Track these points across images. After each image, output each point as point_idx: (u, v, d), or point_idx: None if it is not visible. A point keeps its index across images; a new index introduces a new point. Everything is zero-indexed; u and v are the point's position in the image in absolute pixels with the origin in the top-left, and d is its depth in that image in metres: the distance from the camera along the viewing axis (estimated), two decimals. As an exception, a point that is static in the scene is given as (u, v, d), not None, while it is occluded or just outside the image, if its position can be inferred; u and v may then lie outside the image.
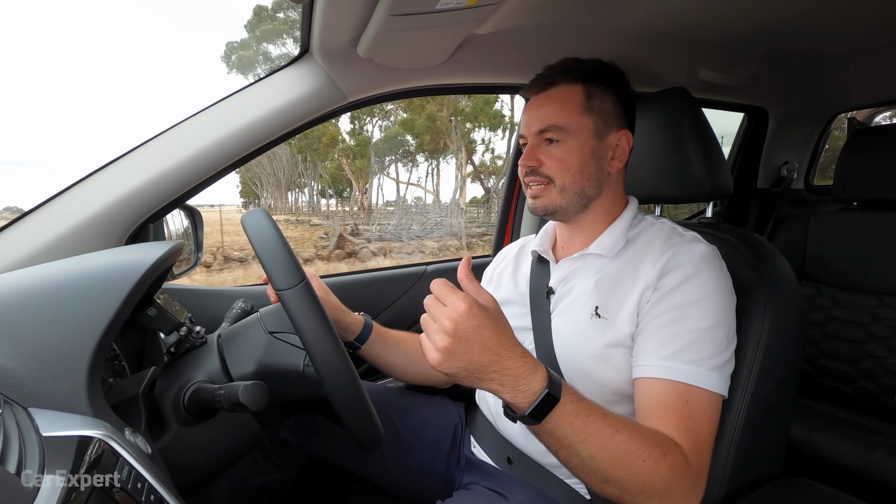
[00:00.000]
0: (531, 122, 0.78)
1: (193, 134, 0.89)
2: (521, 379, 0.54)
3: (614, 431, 0.57)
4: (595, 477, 0.57)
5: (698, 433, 0.62)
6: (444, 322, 0.53)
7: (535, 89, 0.79)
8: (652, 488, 0.57)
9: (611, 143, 0.77)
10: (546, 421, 0.55)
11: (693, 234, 0.75)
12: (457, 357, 0.53)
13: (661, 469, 0.57)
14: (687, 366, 0.63)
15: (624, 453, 0.56)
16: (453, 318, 0.52)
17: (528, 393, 0.54)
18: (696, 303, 0.66)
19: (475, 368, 0.53)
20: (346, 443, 0.90)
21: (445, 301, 0.54)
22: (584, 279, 0.76)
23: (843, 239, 1.41)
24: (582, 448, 0.56)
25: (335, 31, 0.86)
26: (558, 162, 0.75)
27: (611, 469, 0.56)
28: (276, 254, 0.56)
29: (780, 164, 1.89)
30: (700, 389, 0.63)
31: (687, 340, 0.64)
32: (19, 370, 0.44)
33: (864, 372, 1.34)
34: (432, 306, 0.54)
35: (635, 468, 0.56)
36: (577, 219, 0.80)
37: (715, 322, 0.65)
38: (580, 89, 0.76)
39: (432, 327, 0.54)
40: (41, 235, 0.78)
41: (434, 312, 0.54)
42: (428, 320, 0.55)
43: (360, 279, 1.31)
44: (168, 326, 0.66)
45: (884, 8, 1.00)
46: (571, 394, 0.57)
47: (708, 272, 0.68)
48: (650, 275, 0.69)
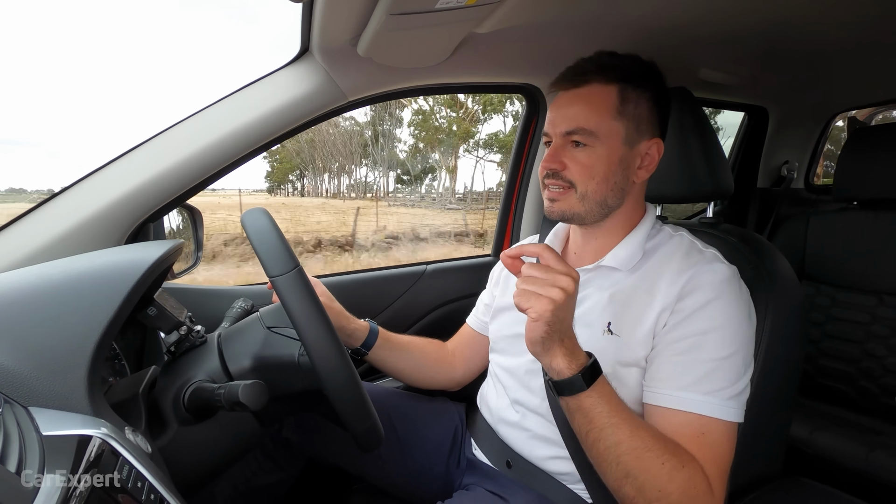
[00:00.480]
0: (558, 121, 0.72)
1: (194, 133, 0.89)
2: (577, 347, 0.60)
3: (640, 426, 0.59)
4: (617, 469, 0.57)
5: (720, 463, 0.61)
6: (562, 281, 0.56)
7: (565, 84, 0.73)
8: (668, 497, 0.56)
9: (640, 152, 0.72)
10: (592, 389, 0.58)
11: (713, 253, 0.72)
12: (559, 316, 0.56)
13: (677, 478, 0.57)
14: (704, 396, 0.62)
15: (647, 448, 0.57)
16: (572, 277, 0.56)
17: (580, 359, 0.59)
18: (716, 330, 0.63)
19: (562, 331, 0.58)
20: (346, 443, 0.90)
21: (559, 267, 0.57)
22: (597, 291, 0.74)
23: (843, 238, 1.40)
24: (612, 432, 0.57)
25: (335, 30, 0.86)
26: (583, 168, 0.70)
27: (633, 462, 0.57)
28: (270, 242, 0.56)
29: (781, 164, 1.89)
30: (718, 421, 0.61)
31: (705, 371, 0.62)
32: (19, 369, 0.44)
33: (864, 371, 1.34)
34: (542, 270, 0.57)
35: (655, 468, 0.56)
36: (593, 225, 0.76)
37: (734, 350, 0.63)
38: (615, 91, 0.70)
39: (547, 281, 0.56)
40: (41, 235, 0.78)
41: (549, 272, 0.56)
42: (536, 281, 0.57)
43: (360, 279, 1.31)
44: (168, 325, 0.66)
45: (884, 7, 0.99)
46: (605, 378, 0.61)
47: (728, 296, 0.65)
48: (668, 295, 0.66)
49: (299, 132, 0.99)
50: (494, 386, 0.88)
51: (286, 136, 0.97)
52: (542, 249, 0.58)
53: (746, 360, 0.65)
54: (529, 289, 0.56)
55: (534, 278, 0.57)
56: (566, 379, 0.58)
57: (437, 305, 1.37)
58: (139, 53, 63.78)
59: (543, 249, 0.58)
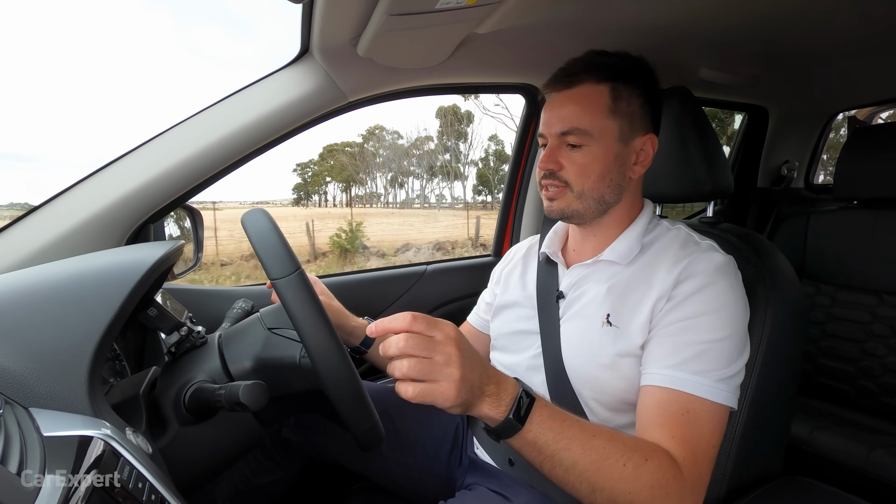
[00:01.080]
0: (552, 122, 0.73)
1: (194, 134, 0.89)
2: (502, 386, 0.54)
3: (591, 436, 0.56)
4: (583, 486, 0.56)
5: (696, 444, 0.60)
6: (447, 350, 0.50)
7: (557, 86, 0.74)
8: (639, 496, 0.55)
9: (635, 148, 0.74)
10: (529, 424, 0.54)
11: (709, 243, 0.72)
12: (467, 380, 0.50)
13: (643, 474, 0.56)
14: (693, 376, 0.62)
15: (604, 457, 0.55)
16: (455, 343, 0.50)
17: (509, 395, 0.54)
18: (708, 313, 0.64)
19: (476, 387, 0.52)
20: (346, 442, 0.90)
21: (432, 331, 0.50)
22: (595, 285, 0.75)
23: (843, 238, 1.40)
24: (564, 455, 0.55)
25: (335, 30, 0.86)
26: (579, 167, 0.71)
27: (595, 476, 0.55)
28: (271, 244, 0.56)
29: (781, 163, 1.89)
30: (704, 401, 0.61)
31: (695, 351, 0.63)
32: (20, 370, 0.44)
33: (864, 371, 1.34)
34: (423, 343, 0.49)
35: (616, 473, 0.55)
36: (592, 223, 0.77)
37: (726, 334, 0.64)
38: (607, 90, 0.71)
39: (438, 362, 0.49)
40: (41, 235, 0.79)
41: (428, 346, 0.49)
42: (423, 362, 0.49)
43: (360, 279, 1.31)
44: (168, 326, 0.66)
45: (884, 7, 0.99)
46: (541, 398, 0.57)
47: (722, 282, 0.66)
48: (664, 284, 0.67)
49: (299, 133, 0.99)
50: None
51: (286, 137, 0.97)
52: (410, 322, 0.50)
53: (740, 346, 0.65)
54: (418, 377, 0.49)
55: (418, 362, 0.49)
56: (500, 424, 0.54)
57: (437, 305, 1.38)
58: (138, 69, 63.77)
59: (412, 322, 0.50)
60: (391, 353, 0.49)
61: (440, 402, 0.50)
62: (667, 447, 0.60)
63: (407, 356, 0.49)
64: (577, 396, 0.72)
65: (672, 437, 0.60)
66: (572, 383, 0.73)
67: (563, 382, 0.74)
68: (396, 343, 0.49)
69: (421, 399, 0.49)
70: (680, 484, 0.57)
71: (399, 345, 0.49)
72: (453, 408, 0.51)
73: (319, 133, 36.39)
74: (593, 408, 0.72)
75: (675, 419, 0.61)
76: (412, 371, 0.49)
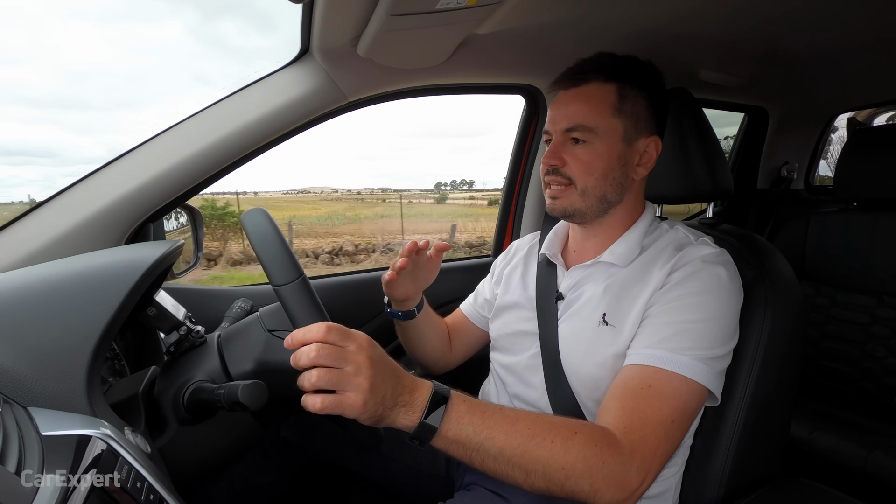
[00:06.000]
0: (558, 118, 0.74)
1: (194, 133, 0.89)
2: (416, 394, 0.54)
3: (514, 421, 0.56)
4: (517, 472, 0.55)
5: (644, 412, 0.59)
6: (357, 359, 0.50)
7: (565, 84, 0.75)
8: (573, 469, 0.54)
9: (639, 149, 0.74)
10: (445, 423, 0.54)
11: (704, 239, 0.74)
12: (378, 390, 0.50)
13: (572, 447, 0.55)
14: (670, 353, 0.62)
15: (529, 438, 0.55)
16: (365, 352, 0.51)
17: (421, 400, 0.54)
18: (692, 295, 0.65)
19: (388, 397, 0.52)
20: (345, 442, 0.90)
21: (344, 341, 0.50)
22: (593, 285, 0.75)
23: (843, 239, 1.40)
24: (489, 445, 0.54)
25: (335, 30, 0.86)
26: (582, 164, 0.72)
27: (524, 459, 0.54)
28: (273, 250, 0.56)
29: (780, 164, 1.89)
30: (674, 376, 0.61)
31: (674, 330, 0.63)
32: (19, 369, 0.44)
33: (863, 372, 1.34)
34: (334, 353, 0.49)
35: (546, 451, 0.55)
36: (594, 222, 0.78)
37: (710, 316, 0.64)
38: (613, 89, 0.72)
39: (348, 372, 0.49)
40: (41, 235, 0.78)
41: (339, 356, 0.49)
42: (333, 372, 0.49)
43: (361, 279, 1.31)
44: (168, 326, 0.66)
45: (884, 8, 1.00)
46: (461, 394, 0.57)
47: (710, 270, 0.67)
48: (659, 278, 0.69)
49: (299, 133, 0.99)
50: (495, 384, 0.88)
51: (286, 137, 0.97)
52: (325, 333, 0.50)
53: (725, 331, 0.65)
54: (327, 387, 0.49)
55: (327, 372, 0.49)
56: (416, 430, 0.54)
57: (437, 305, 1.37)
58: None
59: (326, 332, 0.50)
60: (302, 363, 0.49)
61: (348, 413, 0.49)
62: (612, 418, 0.59)
63: (317, 367, 0.49)
64: (574, 395, 0.73)
65: (620, 407, 0.60)
66: (569, 382, 0.73)
67: (560, 382, 0.74)
68: (307, 353, 0.49)
69: (329, 410, 0.49)
70: (616, 451, 0.56)
71: (310, 355, 0.48)
72: (362, 417, 0.50)
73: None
74: (590, 406, 0.72)
75: (633, 392, 0.61)
76: (321, 381, 0.48)
